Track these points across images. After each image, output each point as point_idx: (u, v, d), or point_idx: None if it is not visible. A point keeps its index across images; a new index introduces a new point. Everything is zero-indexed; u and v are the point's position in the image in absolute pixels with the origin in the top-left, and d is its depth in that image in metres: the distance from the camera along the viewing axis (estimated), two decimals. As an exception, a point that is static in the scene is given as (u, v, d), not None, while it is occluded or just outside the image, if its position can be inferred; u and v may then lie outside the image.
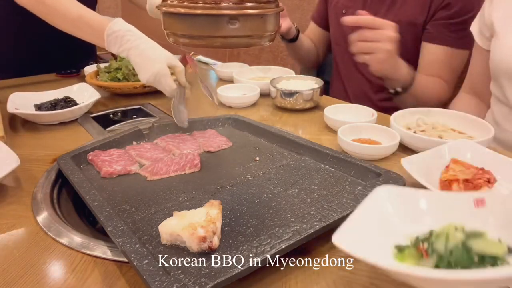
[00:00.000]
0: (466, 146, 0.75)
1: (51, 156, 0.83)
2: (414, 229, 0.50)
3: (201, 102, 1.17)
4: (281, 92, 1.08)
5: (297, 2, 2.39)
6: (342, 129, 0.86)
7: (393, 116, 0.89)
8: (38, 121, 1.00)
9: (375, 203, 0.51)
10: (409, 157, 0.70)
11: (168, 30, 0.52)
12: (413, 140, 0.82)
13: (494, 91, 1.00)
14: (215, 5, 0.46)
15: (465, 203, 0.51)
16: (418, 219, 0.51)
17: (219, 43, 0.49)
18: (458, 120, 0.90)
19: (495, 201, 0.50)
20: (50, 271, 0.52)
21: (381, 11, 1.22)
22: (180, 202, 0.64)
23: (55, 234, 0.59)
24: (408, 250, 0.47)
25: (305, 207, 0.61)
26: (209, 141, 0.86)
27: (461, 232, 0.46)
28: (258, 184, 0.69)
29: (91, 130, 0.97)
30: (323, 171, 0.72)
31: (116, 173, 0.73)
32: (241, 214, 0.59)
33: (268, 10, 0.49)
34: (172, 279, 0.44)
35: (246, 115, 1.01)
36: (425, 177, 0.66)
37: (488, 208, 0.49)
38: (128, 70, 1.19)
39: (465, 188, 0.64)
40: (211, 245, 0.50)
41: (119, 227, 0.54)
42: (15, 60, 1.39)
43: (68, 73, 1.43)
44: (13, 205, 0.67)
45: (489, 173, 0.65)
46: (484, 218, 0.49)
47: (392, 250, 0.48)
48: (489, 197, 0.50)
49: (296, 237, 0.51)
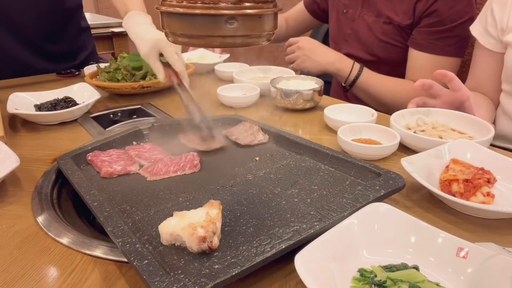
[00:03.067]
0: (466, 146, 0.74)
1: (51, 156, 0.83)
2: (387, 256, 0.52)
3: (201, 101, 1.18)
4: (281, 92, 1.08)
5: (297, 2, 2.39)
6: (342, 129, 0.86)
7: (392, 116, 0.89)
8: (38, 121, 1.01)
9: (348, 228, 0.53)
10: (409, 157, 0.70)
11: (167, 30, 0.52)
12: (413, 140, 0.82)
13: (506, 88, 1.00)
14: (214, 5, 0.46)
15: (449, 247, 0.50)
16: (397, 247, 0.53)
17: (217, 42, 0.49)
18: (458, 120, 0.90)
19: (478, 256, 0.48)
20: (50, 271, 0.52)
21: (375, 12, 1.23)
22: (180, 202, 0.64)
23: (55, 234, 0.59)
24: (362, 284, 0.48)
25: (305, 207, 0.61)
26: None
27: None
28: (258, 184, 0.69)
29: (91, 130, 0.97)
30: (323, 171, 0.72)
31: (116, 173, 0.73)
32: (241, 214, 0.59)
33: (266, 10, 0.49)
34: (172, 279, 0.44)
35: (246, 115, 1.01)
36: (425, 177, 0.66)
37: (468, 261, 0.48)
38: (126, 70, 1.20)
39: (465, 188, 0.64)
40: (211, 245, 0.50)
41: (119, 227, 0.54)
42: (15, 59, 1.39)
43: (68, 73, 1.43)
44: (13, 205, 0.67)
45: (489, 173, 0.65)
46: (460, 269, 0.48)
47: (354, 274, 0.49)
48: (474, 250, 0.48)
49: (296, 237, 0.51)
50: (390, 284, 0.46)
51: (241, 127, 0.90)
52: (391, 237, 0.53)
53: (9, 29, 1.32)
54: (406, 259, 0.51)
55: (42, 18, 1.37)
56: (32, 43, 1.38)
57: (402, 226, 0.53)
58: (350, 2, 1.32)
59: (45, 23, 1.39)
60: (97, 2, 3.94)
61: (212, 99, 1.18)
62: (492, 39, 1.02)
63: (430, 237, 0.51)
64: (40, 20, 1.36)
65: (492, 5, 1.01)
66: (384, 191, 0.60)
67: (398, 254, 0.52)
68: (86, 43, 1.59)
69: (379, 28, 1.23)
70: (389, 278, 0.47)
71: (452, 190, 0.65)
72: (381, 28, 1.23)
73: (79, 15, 1.53)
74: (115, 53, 2.59)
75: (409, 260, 0.51)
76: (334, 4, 1.40)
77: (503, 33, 0.99)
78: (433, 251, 0.51)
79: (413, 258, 0.51)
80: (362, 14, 1.28)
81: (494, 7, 1.00)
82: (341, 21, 1.36)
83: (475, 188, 0.63)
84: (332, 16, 1.42)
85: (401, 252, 0.52)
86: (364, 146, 0.80)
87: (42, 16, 1.36)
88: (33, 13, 1.34)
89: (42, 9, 1.35)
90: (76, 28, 1.52)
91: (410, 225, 0.53)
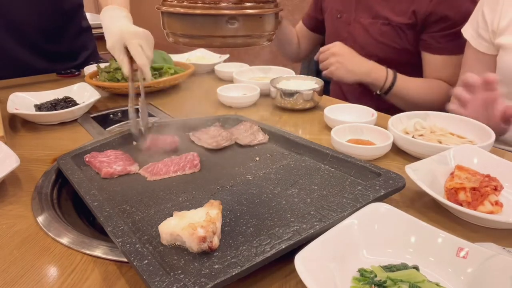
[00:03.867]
0: (471, 151, 0.72)
1: (51, 156, 0.83)
2: (387, 256, 0.52)
3: (201, 101, 1.18)
4: (281, 92, 1.08)
5: (297, 2, 2.39)
6: (336, 129, 0.86)
7: (390, 120, 0.88)
8: (38, 121, 1.00)
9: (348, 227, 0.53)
10: (413, 164, 0.68)
11: (167, 30, 0.52)
12: (412, 146, 0.80)
13: (501, 90, 1.00)
14: (214, 5, 0.46)
15: (449, 247, 0.50)
16: (397, 247, 0.53)
17: (218, 42, 0.49)
18: (457, 124, 0.88)
19: (478, 256, 0.48)
20: (50, 271, 0.52)
21: (372, 14, 1.24)
22: (180, 202, 0.64)
23: (55, 234, 0.59)
24: (362, 285, 0.48)
25: (305, 207, 0.61)
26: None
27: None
28: (258, 184, 0.69)
29: (91, 130, 0.97)
30: (323, 171, 0.72)
31: (117, 174, 0.73)
32: (241, 214, 0.59)
33: (267, 10, 0.49)
34: (172, 279, 0.44)
35: (246, 115, 1.01)
36: (429, 185, 0.64)
37: (468, 261, 0.48)
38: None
39: (472, 197, 0.61)
40: (211, 245, 0.50)
41: (119, 227, 0.54)
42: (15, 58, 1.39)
43: (68, 73, 1.43)
44: (13, 205, 0.67)
45: (496, 180, 0.63)
46: (460, 269, 0.48)
47: (354, 274, 0.49)
48: (474, 250, 0.48)
49: (296, 237, 0.51)
50: (390, 284, 0.46)
51: (241, 127, 0.91)
52: (391, 237, 0.53)
53: (9, 29, 1.32)
54: (406, 259, 0.51)
55: (42, 18, 1.37)
56: (32, 43, 1.38)
57: (402, 226, 0.53)
58: (344, 7, 1.33)
59: (45, 23, 1.38)
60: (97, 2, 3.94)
61: (212, 99, 1.18)
62: (484, 41, 1.02)
63: (430, 237, 0.51)
64: (40, 20, 1.36)
65: (483, 8, 1.01)
66: (384, 191, 0.60)
67: (398, 254, 0.52)
68: (87, 43, 1.59)
69: (377, 30, 1.24)
70: (389, 278, 0.47)
71: (459, 199, 0.62)
72: (379, 29, 1.23)
73: (79, 15, 1.53)
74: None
75: (409, 260, 0.51)
76: (328, 12, 1.41)
77: (495, 36, 0.99)
78: (433, 251, 0.51)
79: (413, 258, 0.51)
80: (357, 17, 1.29)
81: (485, 9, 1.01)
82: (336, 26, 1.37)
83: (482, 196, 0.61)
84: (328, 24, 1.43)
85: (401, 252, 0.52)
86: (356, 146, 0.80)
87: (42, 16, 1.36)
88: (33, 12, 1.34)
89: (42, 9, 1.35)
90: (76, 28, 1.52)
91: (410, 225, 0.53)
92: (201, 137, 0.87)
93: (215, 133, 0.88)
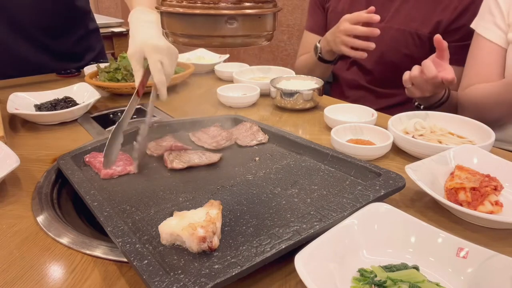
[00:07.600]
0: (471, 151, 0.72)
1: (51, 156, 0.83)
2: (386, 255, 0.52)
3: (201, 101, 1.18)
4: (281, 92, 1.08)
5: (297, 2, 2.39)
6: (336, 129, 0.86)
7: (390, 120, 0.88)
8: (38, 121, 1.01)
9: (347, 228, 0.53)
10: (413, 164, 0.68)
11: (167, 30, 0.52)
12: (412, 146, 0.80)
13: None
14: (214, 5, 0.46)
15: (449, 247, 0.50)
16: (397, 247, 0.53)
17: (217, 42, 0.49)
18: (457, 124, 0.88)
19: (478, 256, 0.48)
20: (50, 271, 0.52)
21: (384, 20, 1.22)
22: (180, 202, 0.64)
23: (55, 234, 0.59)
24: (362, 284, 0.48)
25: (305, 207, 0.61)
26: None
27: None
28: (258, 184, 0.69)
29: (91, 130, 0.97)
30: (323, 171, 0.72)
31: (117, 174, 0.73)
32: (241, 214, 0.59)
33: (266, 10, 0.49)
34: (172, 279, 0.44)
35: (246, 115, 1.01)
36: (429, 184, 0.64)
37: (468, 261, 0.48)
38: (126, 70, 1.20)
39: (472, 197, 0.61)
40: (211, 245, 0.50)
41: (119, 227, 0.54)
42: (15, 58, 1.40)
43: (68, 73, 1.43)
44: (13, 205, 0.67)
45: (496, 180, 0.63)
46: (460, 269, 0.48)
47: (354, 274, 0.49)
48: (474, 250, 0.48)
49: (296, 237, 0.51)
50: (390, 284, 0.46)
51: (241, 127, 0.91)
52: (391, 237, 0.53)
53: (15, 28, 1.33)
54: (406, 259, 0.51)
55: (48, 18, 1.37)
56: (38, 42, 1.39)
57: (402, 226, 0.53)
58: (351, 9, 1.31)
59: (52, 23, 1.39)
60: (97, 2, 3.94)
61: (212, 99, 1.18)
62: (502, 32, 1.00)
63: (430, 237, 0.51)
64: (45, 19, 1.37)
65: (494, 1, 1.00)
66: (384, 191, 0.60)
67: (398, 254, 0.52)
68: (94, 44, 1.60)
69: (403, 39, 1.22)
70: (389, 278, 0.47)
71: (459, 199, 0.62)
72: (405, 39, 1.22)
73: (87, 17, 1.54)
74: (115, 53, 2.60)
75: (409, 260, 0.51)
76: (333, 15, 1.38)
77: (509, 29, 0.97)
78: (433, 251, 0.51)
79: (413, 258, 0.51)
80: (385, 25, 1.27)
81: (500, 2, 0.99)
82: None
83: (482, 196, 0.61)
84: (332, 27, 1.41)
85: (401, 252, 0.52)
86: (356, 146, 0.80)
87: (48, 16, 1.37)
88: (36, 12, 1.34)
89: (47, 9, 1.35)
90: (83, 30, 1.52)
91: (410, 225, 0.53)
92: (201, 137, 0.87)
93: (215, 133, 0.88)
